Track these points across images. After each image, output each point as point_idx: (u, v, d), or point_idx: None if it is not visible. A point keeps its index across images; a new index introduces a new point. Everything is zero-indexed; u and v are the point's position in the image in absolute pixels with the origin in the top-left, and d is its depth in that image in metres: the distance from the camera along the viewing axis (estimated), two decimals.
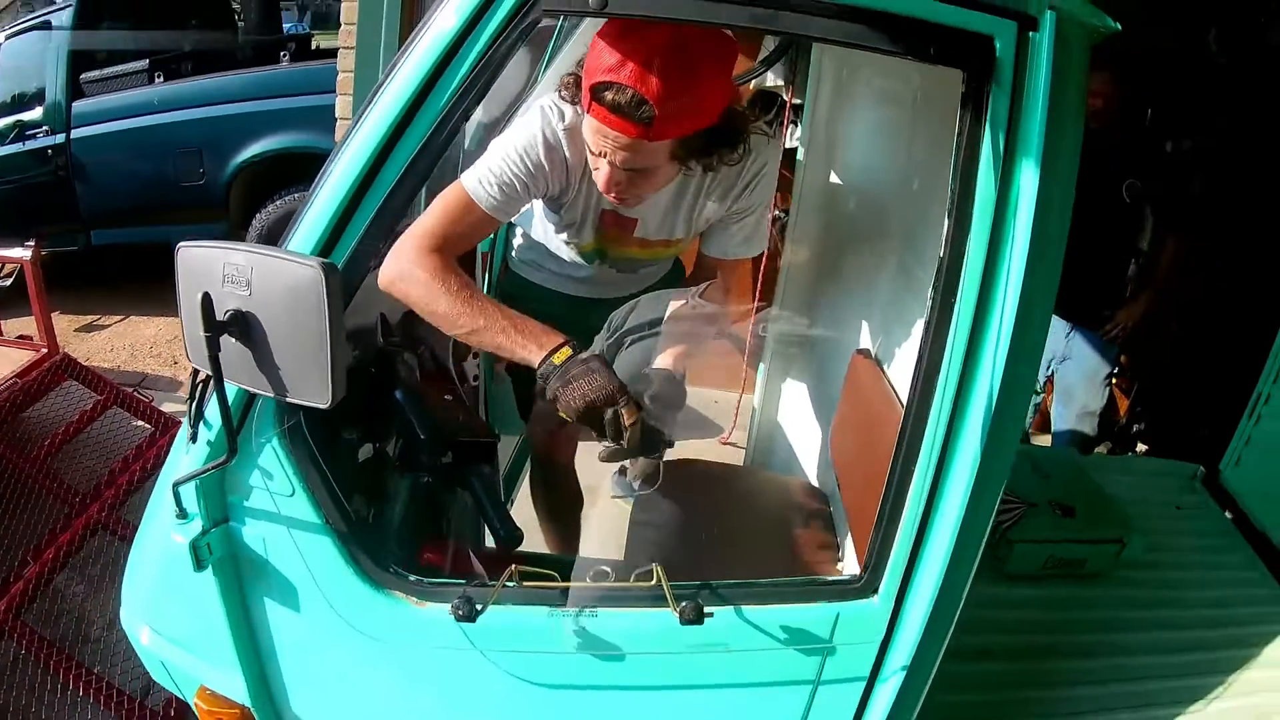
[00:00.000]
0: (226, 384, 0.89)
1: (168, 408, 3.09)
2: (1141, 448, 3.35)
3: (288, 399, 0.87)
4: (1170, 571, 1.93)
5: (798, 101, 2.29)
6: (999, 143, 0.87)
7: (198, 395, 1.04)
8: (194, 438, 1.04)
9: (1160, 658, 1.65)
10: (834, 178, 2.03)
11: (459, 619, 0.96)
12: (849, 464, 1.61)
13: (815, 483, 1.89)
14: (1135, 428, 3.40)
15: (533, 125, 1.32)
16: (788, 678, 1.01)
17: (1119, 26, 0.94)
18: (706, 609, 0.94)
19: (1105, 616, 1.73)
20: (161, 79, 4.35)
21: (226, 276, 0.85)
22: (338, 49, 3.15)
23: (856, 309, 1.80)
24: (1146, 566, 1.88)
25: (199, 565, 1.03)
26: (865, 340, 1.70)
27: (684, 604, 0.93)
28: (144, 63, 4.38)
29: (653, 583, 0.96)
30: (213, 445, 1.02)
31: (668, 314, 1.45)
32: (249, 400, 1.00)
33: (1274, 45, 3.06)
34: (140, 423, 2.88)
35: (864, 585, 0.99)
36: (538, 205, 1.53)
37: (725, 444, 3.16)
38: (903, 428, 0.96)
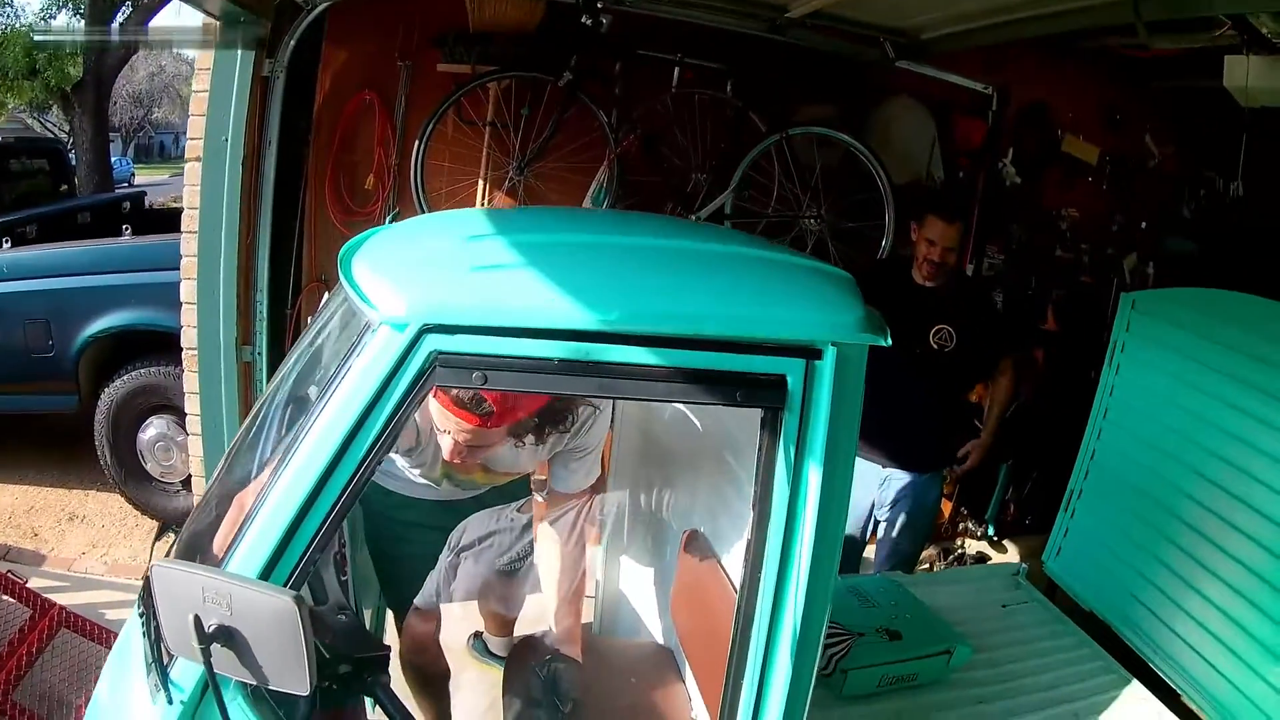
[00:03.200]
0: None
1: (35, 583, 3.14)
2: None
3: (270, 687, 1.15)
4: (1005, 665, 2.35)
5: None
6: (790, 452, 1.24)
7: (164, 660, 1.28)
8: (169, 700, 1.26)
9: None
10: None
11: None
12: (689, 630, 1.99)
13: (660, 640, 2.25)
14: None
15: None
16: None
17: (890, 342, 1.30)
18: None
19: (944, 719, 2.13)
20: (9, 245, 4.42)
21: (207, 598, 1.12)
22: (177, 211, 3.32)
23: (682, 492, 2.19)
24: (980, 666, 2.29)
25: None
26: (695, 520, 2.07)
27: None
28: None
29: None
30: (186, 705, 1.26)
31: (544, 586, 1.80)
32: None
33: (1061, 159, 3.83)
34: (15, 602, 2.90)
35: None
36: None
37: None
38: (736, 616, 1.30)
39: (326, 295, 2.42)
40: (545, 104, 3.48)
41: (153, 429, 4.16)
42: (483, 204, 3.61)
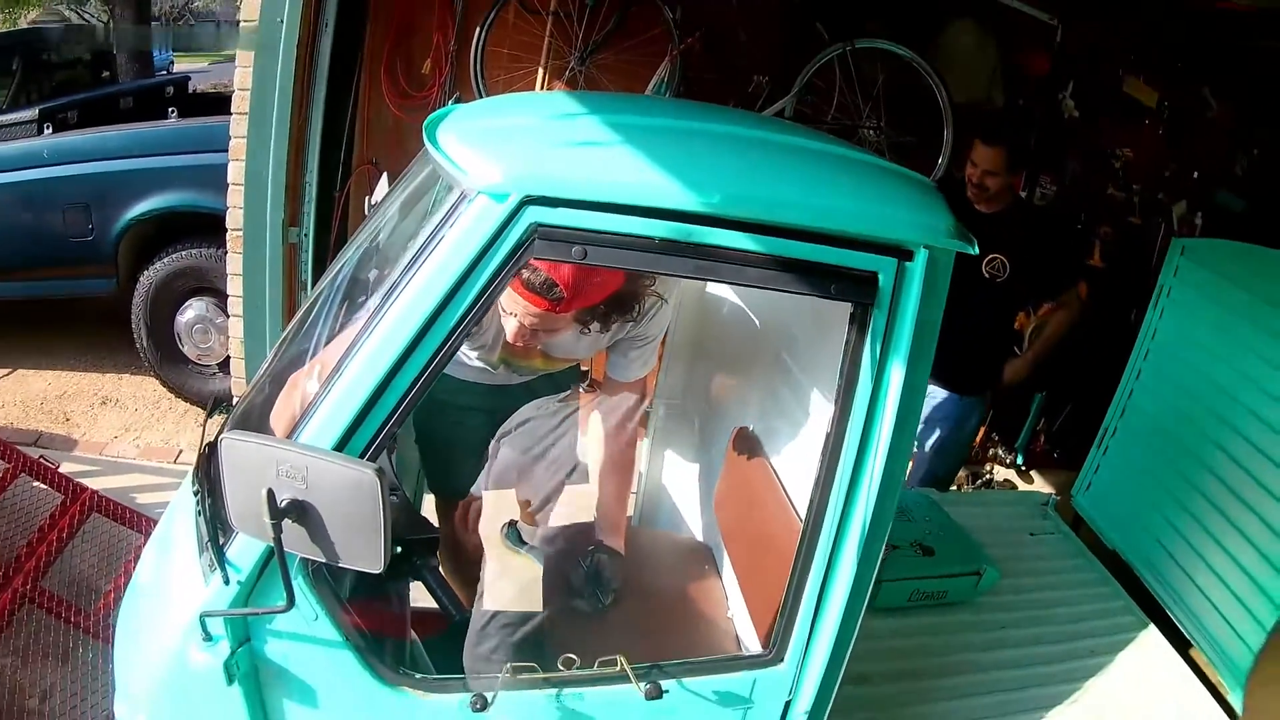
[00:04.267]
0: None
1: (67, 468, 3.20)
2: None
3: (341, 564, 1.16)
4: (1028, 594, 2.42)
5: None
6: (876, 349, 1.27)
7: (220, 539, 1.30)
8: (226, 580, 1.28)
9: (1022, 671, 2.15)
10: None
11: (476, 710, 1.28)
12: (732, 528, 2.04)
13: (700, 537, 2.30)
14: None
15: None
16: None
17: (977, 250, 1.32)
18: (663, 685, 1.30)
19: (969, 639, 2.21)
20: (50, 130, 4.41)
21: (281, 472, 1.13)
22: (220, 96, 3.28)
23: (736, 390, 2.21)
24: (1005, 591, 2.37)
25: (230, 681, 1.29)
26: (746, 419, 2.09)
27: (646, 685, 1.30)
28: (33, 112, 4.47)
29: (617, 669, 1.31)
30: (244, 585, 1.28)
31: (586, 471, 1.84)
32: (268, 554, 1.26)
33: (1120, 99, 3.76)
34: (46, 488, 2.96)
35: (772, 657, 1.40)
36: None
37: None
38: (810, 505, 1.35)
39: (384, 178, 2.39)
40: None
41: (191, 311, 4.19)
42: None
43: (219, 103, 4.69)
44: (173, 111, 4.76)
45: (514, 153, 1.26)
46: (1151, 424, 2.68)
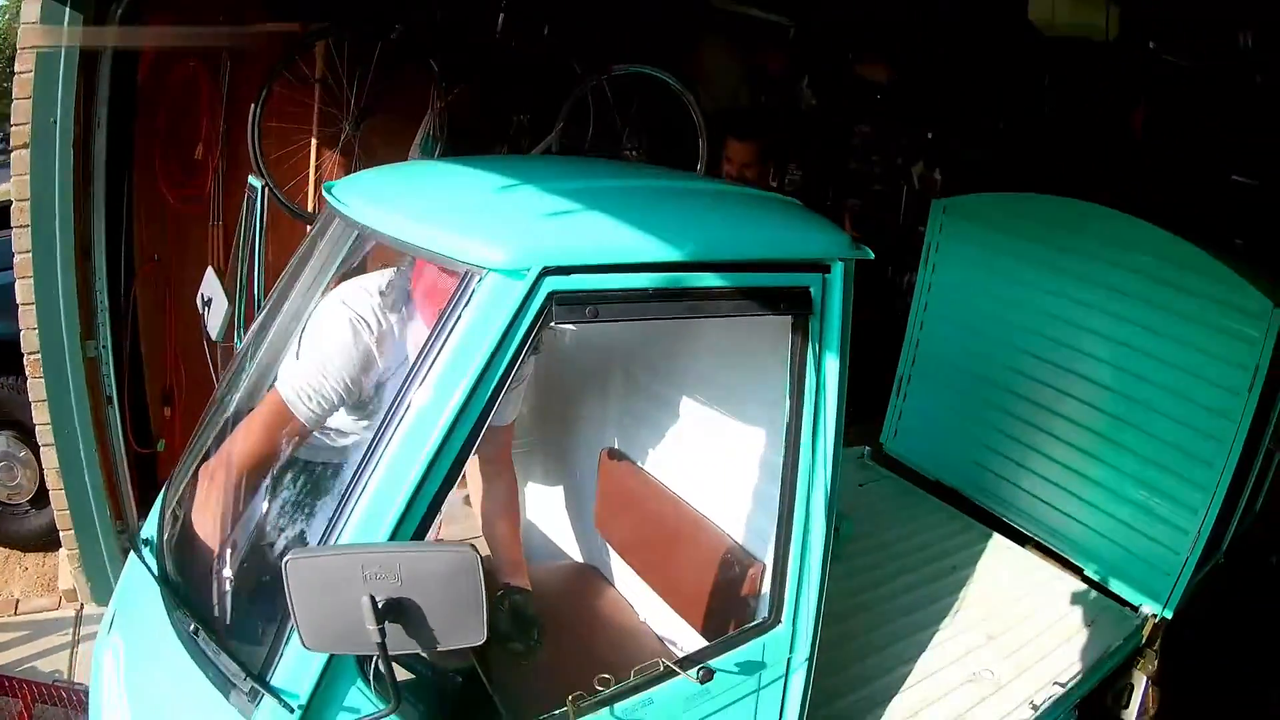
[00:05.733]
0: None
1: None
2: None
3: (441, 647, 1.23)
4: (879, 535, 2.88)
5: None
6: (814, 349, 1.58)
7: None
8: (289, 708, 1.30)
9: (907, 597, 2.60)
10: None
11: None
12: (625, 539, 2.31)
13: (581, 560, 2.57)
14: None
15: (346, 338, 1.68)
16: (744, 692, 1.65)
17: (873, 256, 1.65)
18: (712, 668, 1.54)
19: (850, 585, 2.60)
20: None
21: (370, 575, 1.17)
22: None
23: (591, 416, 2.47)
24: (860, 539, 2.80)
25: None
26: (606, 440, 2.37)
27: (700, 672, 1.53)
28: None
29: (661, 669, 1.52)
30: (308, 706, 1.31)
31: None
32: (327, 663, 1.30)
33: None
34: None
35: (773, 621, 1.68)
36: None
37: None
38: (780, 513, 1.64)
39: (209, 272, 2.31)
40: (376, 58, 3.51)
41: None
42: (315, 163, 3.61)
43: None
44: None
45: (514, 230, 1.39)
46: (942, 364, 3.27)
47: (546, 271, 1.30)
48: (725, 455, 2.13)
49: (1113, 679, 2.62)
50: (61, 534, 3.29)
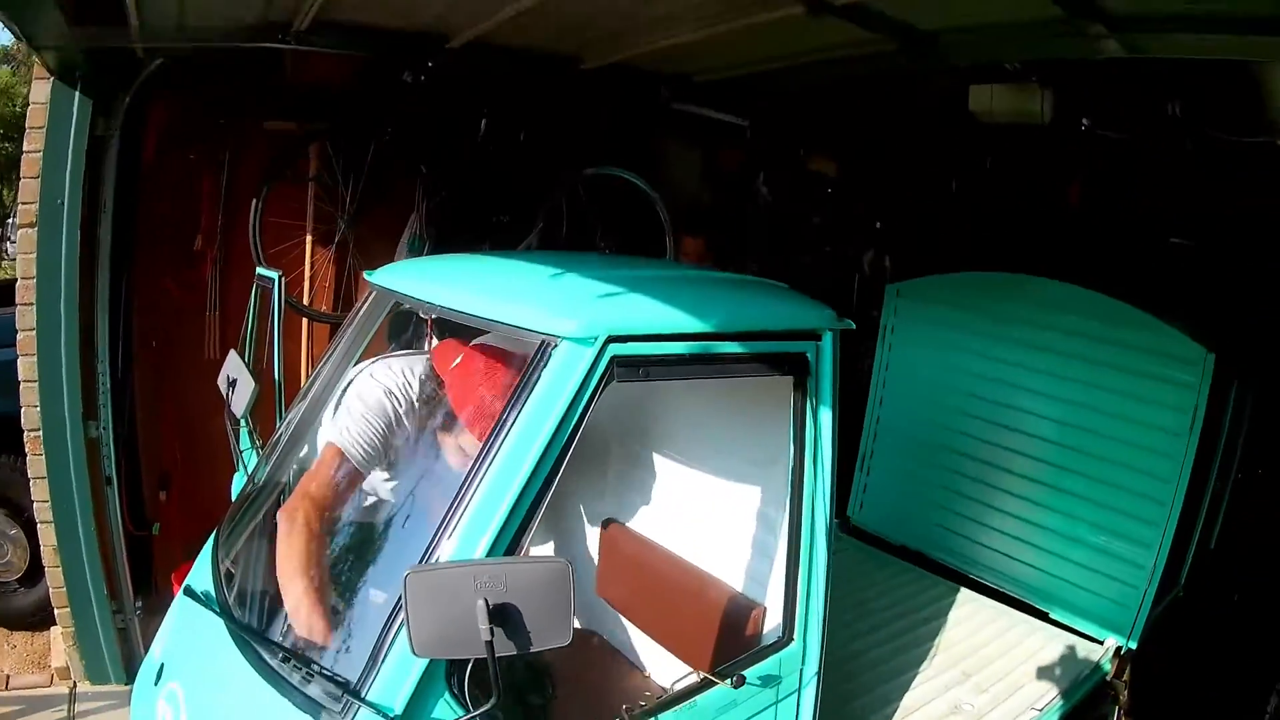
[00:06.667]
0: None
1: None
2: None
3: (532, 649, 1.48)
4: (854, 595, 3.14)
5: None
6: (811, 404, 1.94)
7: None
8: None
9: (879, 649, 2.89)
10: None
11: None
12: (629, 602, 2.59)
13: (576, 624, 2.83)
14: None
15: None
16: (765, 704, 1.93)
17: (854, 326, 2.03)
18: (744, 674, 1.83)
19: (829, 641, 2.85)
20: None
21: (480, 585, 1.43)
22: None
23: (588, 489, 2.76)
24: (837, 600, 2.92)
25: None
26: (605, 512, 2.67)
27: (733, 678, 1.81)
28: None
29: (700, 678, 1.80)
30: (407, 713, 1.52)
31: None
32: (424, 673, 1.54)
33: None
34: None
35: (787, 639, 1.97)
36: None
37: None
38: (789, 543, 1.96)
39: (232, 354, 2.56)
40: (370, 158, 3.84)
41: None
42: (310, 259, 3.89)
43: None
44: None
45: (577, 306, 1.74)
46: (901, 435, 3.63)
47: (610, 339, 1.64)
48: (717, 512, 2.46)
49: (1086, 712, 2.88)
50: (56, 611, 3.36)
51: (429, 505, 1.95)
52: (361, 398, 2.04)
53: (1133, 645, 2.98)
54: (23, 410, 3.10)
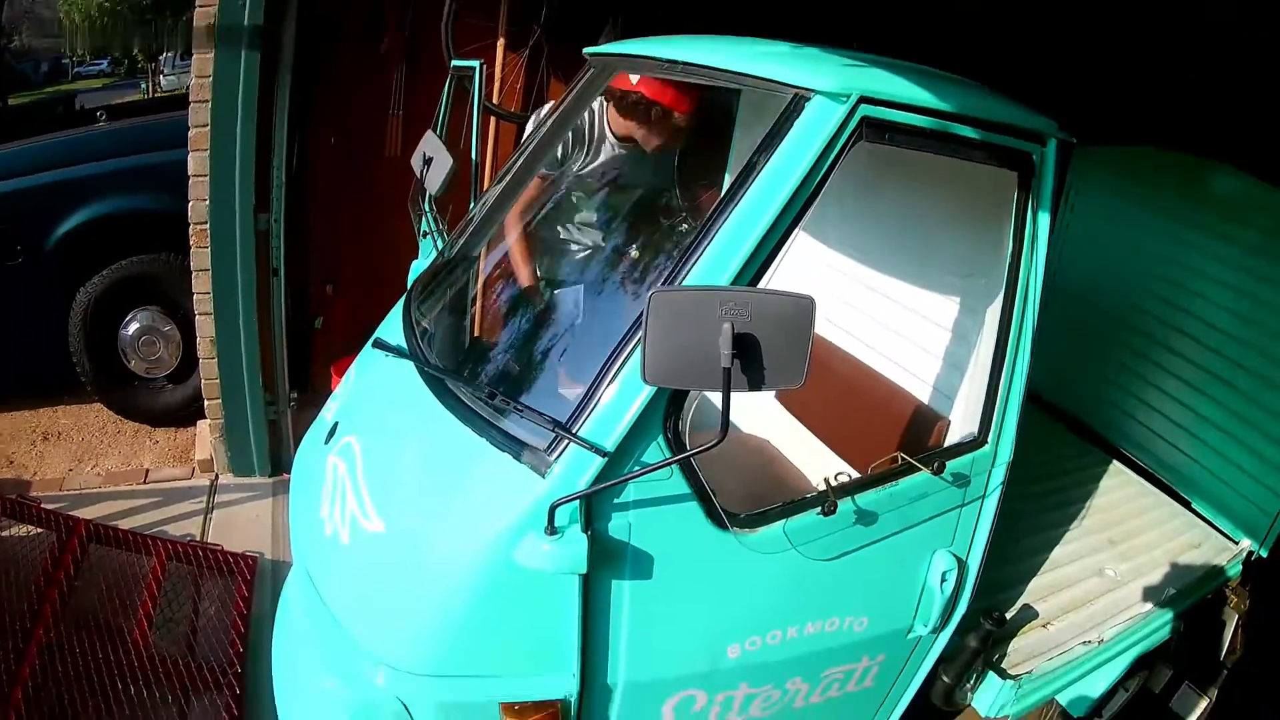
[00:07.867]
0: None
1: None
2: None
3: (764, 388, 1.47)
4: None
5: None
6: (1034, 207, 1.94)
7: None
8: (603, 454, 1.54)
9: (1027, 504, 2.93)
10: None
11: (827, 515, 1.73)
12: (806, 405, 2.67)
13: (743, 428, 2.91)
14: None
15: None
16: (949, 504, 1.99)
17: (1075, 140, 2.02)
18: (939, 464, 1.88)
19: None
20: None
21: (724, 312, 1.40)
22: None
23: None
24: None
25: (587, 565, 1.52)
26: None
27: (934, 464, 1.85)
28: None
29: (902, 461, 1.85)
30: (619, 447, 1.55)
31: None
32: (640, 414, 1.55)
33: None
34: (30, 529, 2.80)
35: (980, 440, 2.01)
36: None
37: None
38: (996, 343, 1.97)
39: (429, 134, 2.59)
40: None
41: (135, 324, 4.03)
42: (502, 61, 3.80)
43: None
44: (101, 115, 4.57)
45: (831, 67, 1.77)
46: (1075, 300, 3.42)
47: (862, 99, 1.66)
48: (909, 320, 2.49)
49: (1206, 615, 2.91)
50: (207, 403, 3.45)
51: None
52: None
53: (1264, 553, 2.96)
54: (190, 205, 3.16)
